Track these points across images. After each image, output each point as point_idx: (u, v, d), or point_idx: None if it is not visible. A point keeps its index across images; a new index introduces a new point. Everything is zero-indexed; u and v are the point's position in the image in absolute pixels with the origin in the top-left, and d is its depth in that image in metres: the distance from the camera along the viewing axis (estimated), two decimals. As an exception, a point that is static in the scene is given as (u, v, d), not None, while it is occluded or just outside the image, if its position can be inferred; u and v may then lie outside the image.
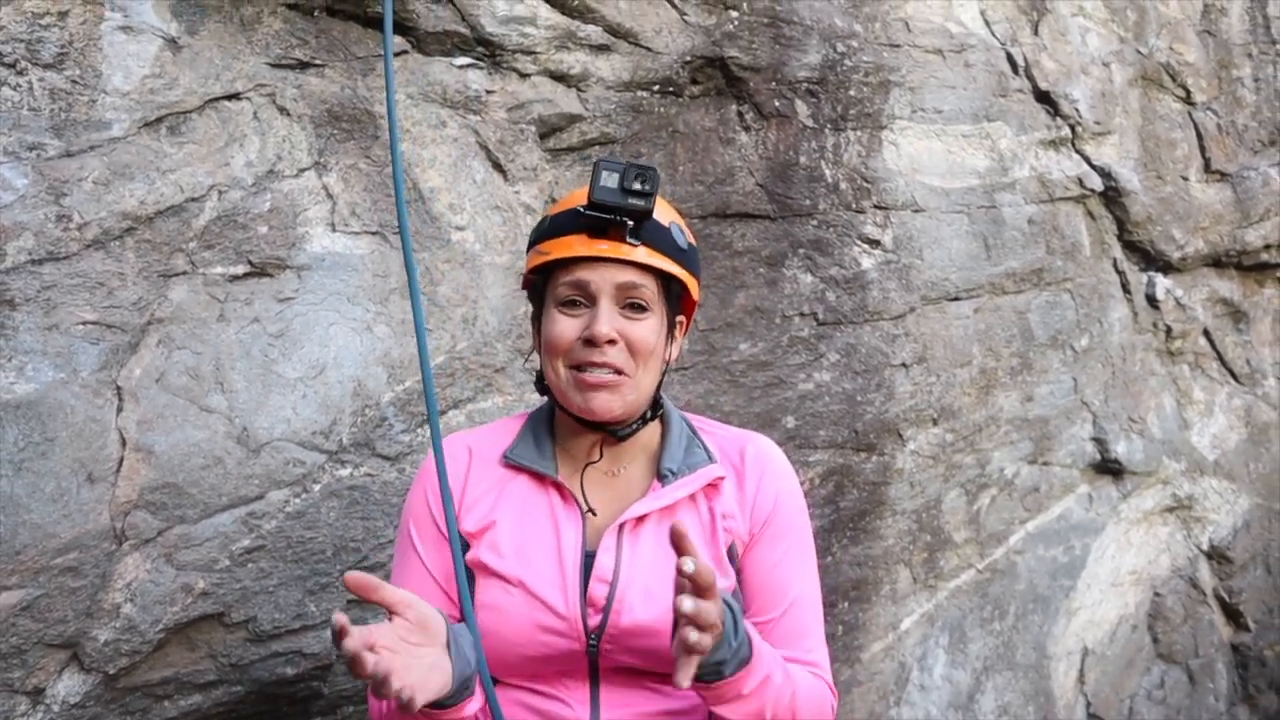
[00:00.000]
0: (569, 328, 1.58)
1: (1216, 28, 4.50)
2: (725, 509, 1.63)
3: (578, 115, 2.66)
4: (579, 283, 1.57)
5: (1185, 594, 4.37)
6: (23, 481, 1.88)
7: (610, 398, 1.57)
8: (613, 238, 1.57)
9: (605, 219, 1.55)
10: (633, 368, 1.58)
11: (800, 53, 3.05)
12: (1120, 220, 4.04)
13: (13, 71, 1.93)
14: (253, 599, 2.15)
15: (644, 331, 1.58)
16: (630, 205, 1.53)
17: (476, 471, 1.68)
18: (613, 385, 1.56)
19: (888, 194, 3.30)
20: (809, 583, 1.66)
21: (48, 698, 1.95)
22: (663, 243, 1.60)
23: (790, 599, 1.62)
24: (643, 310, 1.59)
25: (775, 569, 1.63)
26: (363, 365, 2.30)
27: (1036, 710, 3.87)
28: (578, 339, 1.57)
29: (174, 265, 2.09)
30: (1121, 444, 4.05)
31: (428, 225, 2.42)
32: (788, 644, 1.60)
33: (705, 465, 1.65)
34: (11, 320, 1.88)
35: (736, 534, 1.63)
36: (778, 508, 1.65)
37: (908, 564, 3.47)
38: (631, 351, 1.57)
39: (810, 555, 1.69)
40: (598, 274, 1.57)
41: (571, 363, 1.58)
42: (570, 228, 1.59)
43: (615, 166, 1.54)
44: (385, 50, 1.92)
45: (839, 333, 3.19)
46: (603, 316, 1.55)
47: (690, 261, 1.66)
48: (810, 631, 1.64)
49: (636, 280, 1.58)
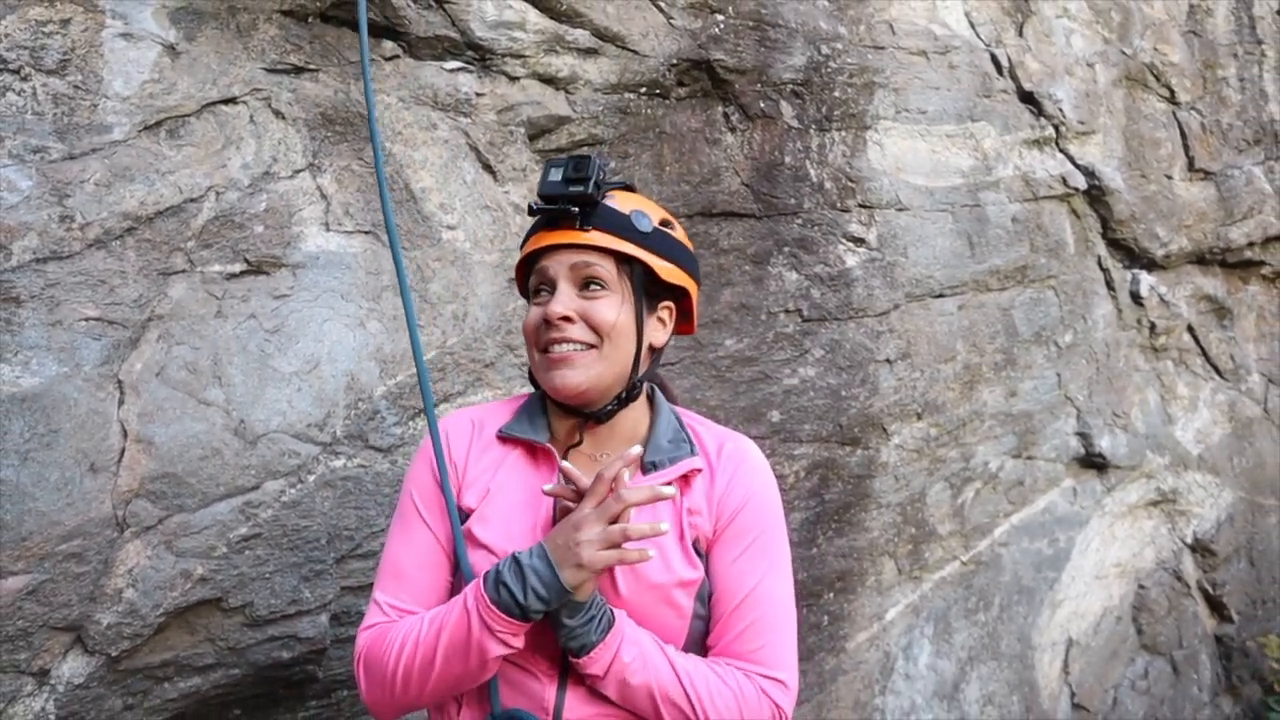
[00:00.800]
0: (535, 314, 1.68)
1: (1202, 28, 4.56)
2: (692, 504, 1.66)
3: (566, 117, 2.73)
4: (540, 270, 1.69)
5: (1169, 586, 4.44)
6: (28, 471, 1.96)
7: (570, 372, 1.63)
8: (564, 227, 1.66)
9: (553, 209, 1.66)
10: (599, 341, 1.64)
11: (785, 55, 3.12)
12: (1104, 218, 4.11)
13: (17, 77, 2.00)
14: (250, 585, 2.22)
15: (602, 308, 1.64)
16: (571, 192, 1.64)
17: (477, 446, 1.75)
18: (572, 359, 1.63)
19: (872, 193, 3.37)
20: (771, 585, 1.66)
21: (53, 679, 2.03)
22: (616, 226, 1.67)
23: (742, 597, 1.63)
24: (601, 288, 1.66)
25: (733, 565, 1.65)
26: (356, 360, 2.37)
27: (1021, 700, 3.94)
28: (541, 321, 1.66)
29: (173, 264, 2.16)
30: (1106, 438, 4.12)
31: (419, 224, 2.50)
32: (738, 642, 1.62)
33: (687, 458, 1.70)
34: (17, 317, 1.96)
35: (701, 529, 1.66)
36: (745, 507, 1.67)
37: (892, 556, 3.54)
38: (594, 328, 1.64)
39: (777, 560, 1.68)
40: (553, 260, 1.67)
41: (539, 345, 1.67)
42: (534, 226, 1.73)
43: (559, 162, 1.66)
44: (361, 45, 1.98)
45: (824, 329, 3.26)
46: (558, 297, 1.65)
47: (655, 244, 1.70)
48: (763, 632, 1.63)
49: (588, 260, 1.65)
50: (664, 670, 1.56)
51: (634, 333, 1.68)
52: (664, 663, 1.57)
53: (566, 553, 1.49)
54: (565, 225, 1.67)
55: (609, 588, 1.60)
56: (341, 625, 2.39)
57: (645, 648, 1.57)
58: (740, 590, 1.64)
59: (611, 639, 1.53)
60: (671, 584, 1.62)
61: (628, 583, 1.60)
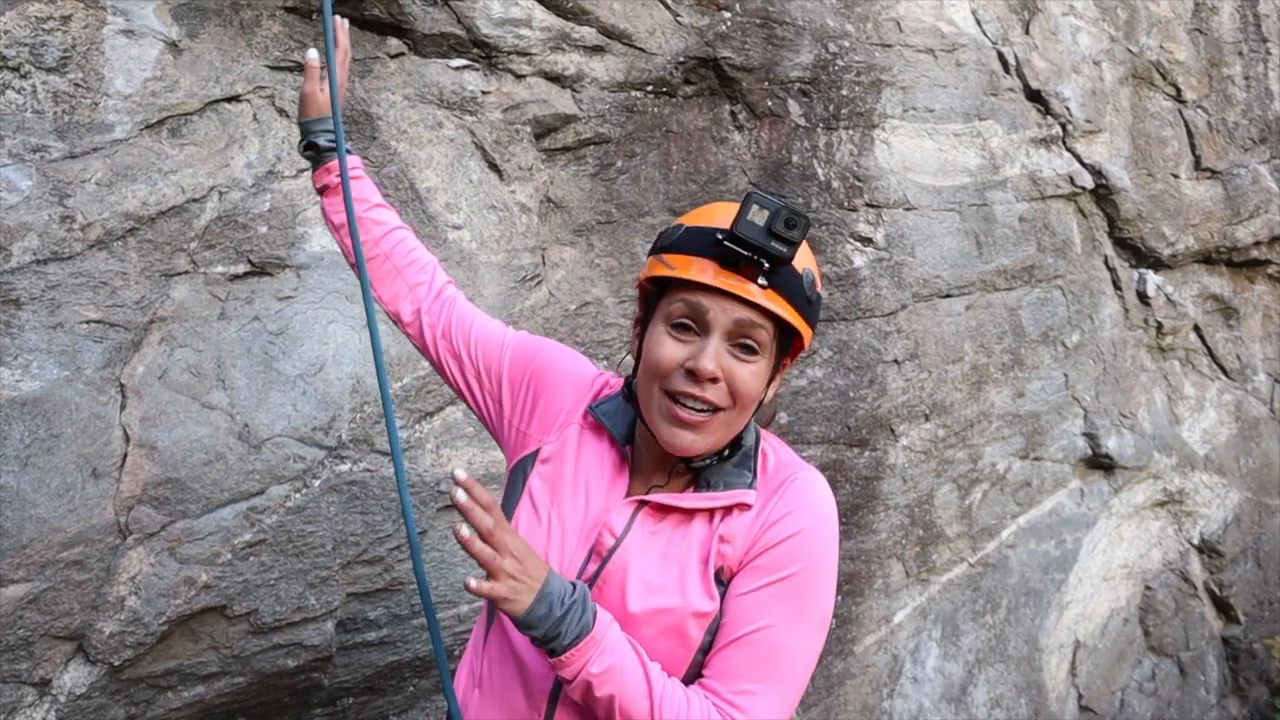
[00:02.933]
0: (675, 352, 1.50)
1: (1207, 26, 4.53)
2: (727, 532, 1.55)
3: (572, 116, 2.70)
4: (697, 309, 1.49)
5: (1176, 587, 4.42)
6: (29, 477, 1.92)
7: (696, 439, 1.50)
8: (744, 274, 1.48)
9: (742, 255, 1.46)
10: (730, 407, 1.50)
11: (793, 53, 3.09)
12: (1111, 217, 4.08)
13: (17, 75, 1.96)
14: (254, 592, 2.18)
15: (749, 374, 1.50)
16: (772, 249, 1.45)
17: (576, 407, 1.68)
18: (702, 425, 1.49)
19: (880, 192, 3.34)
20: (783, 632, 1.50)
21: (54, 688, 1.99)
22: (792, 291, 1.51)
23: (746, 632, 1.49)
24: (753, 353, 1.50)
25: (746, 596, 1.52)
26: (361, 363, 2.34)
27: (1028, 702, 3.92)
28: (680, 367, 1.49)
29: (176, 265, 2.13)
30: (1113, 439, 4.09)
31: (425, 224, 2.46)
32: (724, 678, 1.49)
33: (742, 488, 1.57)
34: (17, 319, 1.92)
35: (728, 559, 1.54)
36: (783, 543, 1.52)
37: (900, 558, 3.51)
38: (732, 392, 1.49)
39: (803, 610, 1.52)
40: (718, 306, 1.48)
41: (668, 389, 1.50)
42: (703, 250, 1.50)
43: (768, 203, 1.45)
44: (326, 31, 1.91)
45: (832, 329, 3.23)
46: (710, 352, 1.47)
47: (812, 313, 1.57)
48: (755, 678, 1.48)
49: (755, 320, 1.49)
50: (635, 689, 1.45)
51: (760, 397, 1.57)
52: (639, 681, 1.46)
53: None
54: (745, 274, 1.48)
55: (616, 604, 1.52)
56: (347, 632, 2.35)
57: (621, 660, 1.45)
58: (745, 624, 1.50)
59: (585, 646, 1.42)
60: (686, 612, 1.51)
61: (640, 604, 1.52)
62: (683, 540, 1.54)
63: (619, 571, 1.53)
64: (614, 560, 1.54)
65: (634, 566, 1.53)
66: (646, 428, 1.57)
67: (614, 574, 1.53)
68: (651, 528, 1.56)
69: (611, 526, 1.56)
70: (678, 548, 1.54)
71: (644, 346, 1.56)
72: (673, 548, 1.54)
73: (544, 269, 2.66)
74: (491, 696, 1.60)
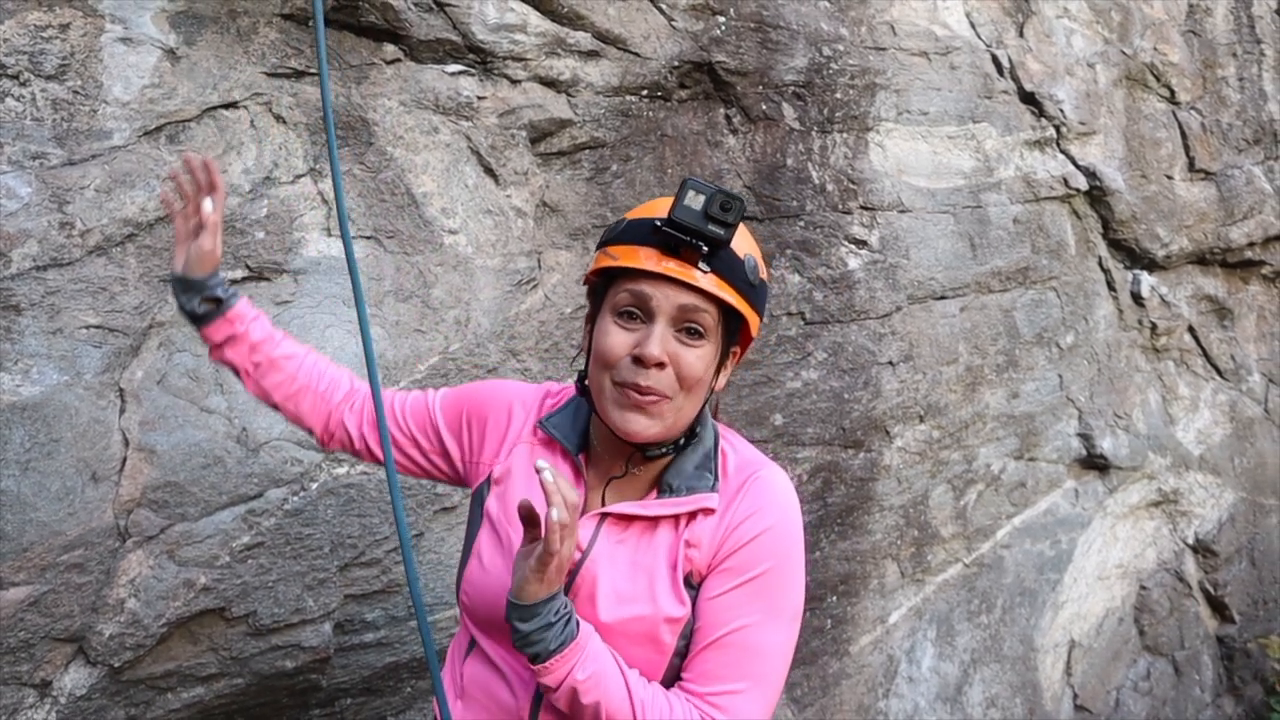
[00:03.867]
0: (621, 341, 1.53)
1: (1201, 28, 4.55)
2: (693, 537, 1.56)
3: (568, 120, 2.72)
4: (641, 296, 1.52)
5: (1171, 587, 4.44)
6: (29, 481, 1.94)
7: (648, 422, 1.52)
8: (684, 259, 1.51)
9: (681, 239, 1.49)
10: (677, 392, 1.52)
11: (787, 57, 3.11)
12: (1105, 219, 4.10)
13: (16, 83, 1.98)
14: (252, 594, 2.20)
15: (694, 359, 1.52)
16: (709, 231, 1.48)
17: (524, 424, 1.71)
18: (652, 407, 1.52)
19: (874, 195, 3.36)
20: (759, 632, 1.52)
21: (55, 690, 2.01)
22: (734, 274, 1.54)
23: (721, 634, 1.51)
24: (699, 337, 1.53)
25: (719, 599, 1.53)
26: (357, 366, 2.35)
27: (1024, 702, 3.94)
28: (628, 355, 1.52)
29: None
30: (1107, 439, 4.11)
31: (421, 229, 2.48)
32: (703, 680, 1.50)
33: (704, 492, 1.58)
34: (17, 325, 1.94)
35: (695, 564, 1.55)
36: (751, 543, 1.54)
37: (895, 559, 3.53)
38: (679, 378, 1.52)
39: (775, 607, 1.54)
40: (660, 292, 1.51)
41: (617, 379, 1.53)
42: (644, 239, 1.53)
43: (702, 188, 1.48)
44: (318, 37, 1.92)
45: (826, 331, 3.24)
46: (656, 337, 1.50)
47: (756, 297, 1.59)
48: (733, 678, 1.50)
49: (699, 305, 1.51)
50: (618, 695, 1.47)
51: (710, 382, 1.58)
52: (620, 688, 1.47)
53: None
54: (686, 259, 1.51)
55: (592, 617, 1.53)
56: (345, 634, 2.37)
57: (603, 668, 1.47)
58: (720, 626, 1.52)
59: (570, 652, 1.44)
60: (658, 619, 1.53)
61: (612, 613, 1.53)
62: (649, 548, 1.56)
63: (588, 583, 1.54)
64: (583, 573, 1.55)
65: (603, 577, 1.55)
66: (601, 421, 1.59)
67: (583, 586, 1.55)
68: (617, 537, 1.58)
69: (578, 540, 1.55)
70: (645, 555, 1.56)
71: (593, 339, 1.59)
72: (640, 555, 1.55)
73: (540, 273, 2.68)
74: (474, 707, 1.61)
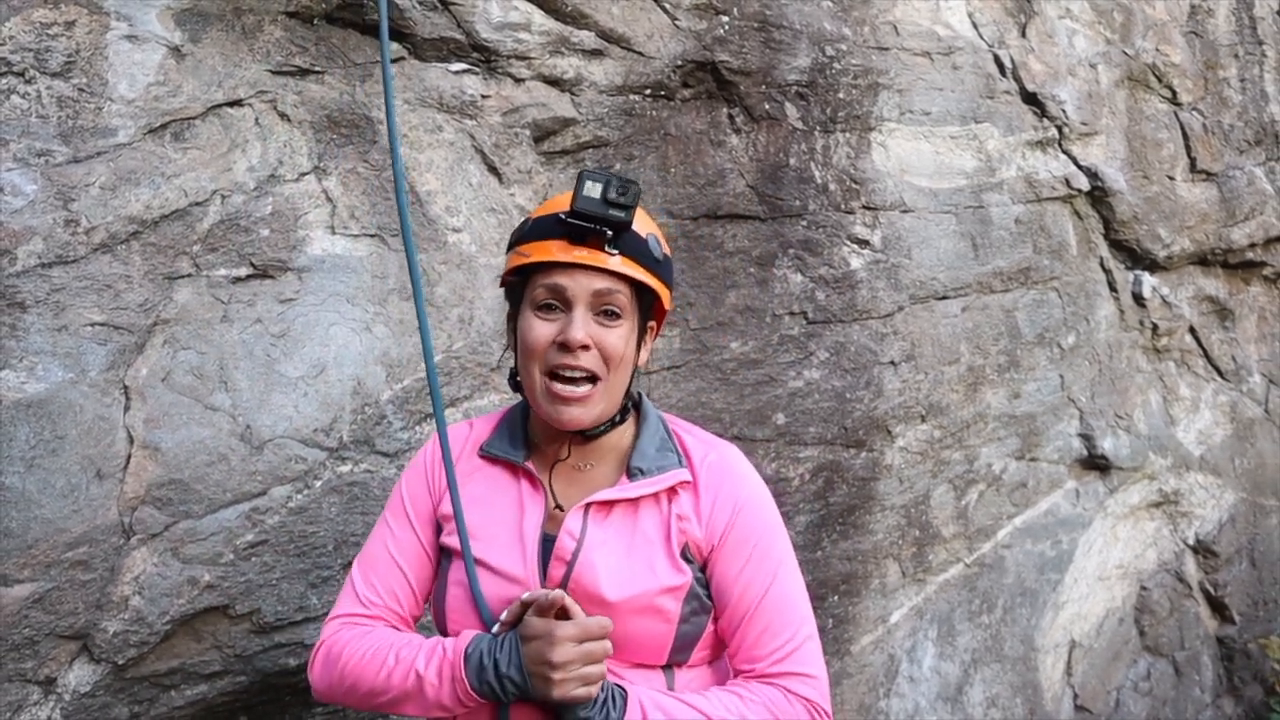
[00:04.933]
0: (544, 331, 1.62)
1: (1203, 29, 4.56)
2: (681, 510, 1.67)
3: (571, 119, 2.72)
4: (556, 287, 1.62)
5: (1171, 588, 4.44)
6: (34, 478, 1.94)
7: (580, 411, 1.63)
8: (591, 246, 1.61)
9: (586, 227, 1.59)
10: (604, 372, 1.62)
11: (790, 56, 3.11)
12: (1107, 219, 4.10)
13: (21, 80, 1.98)
14: (256, 592, 2.21)
15: (616, 339, 1.63)
16: (611, 216, 1.58)
17: (461, 463, 1.77)
18: (583, 399, 1.62)
19: (876, 195, 3.36)
20: (780, 586, 1.66)
21: (59, 687, 2.01)
22: (639, 253, 1.65)
23: (756, 601, 1.64)
24: (616, 317, 1.63)
25: (740, 576, 1.65)
26: (362, 364, 2.36)
27: (1024, 702, 3.94)
28: (552, 343, 1.61)
29: (179, 268, 2.15)
30: (1108, 440, 4.11)
31: (425, 227, 2.48)
32: (756, 647, 1.63)
33: (675, 468, 1.69)
34: (22, 322, 1.94)
35: (691, 536, 1.66)
36: (736, 517, 1.67)
37: (897, 558, 3.53)
38: (604, 357, 1.62)
39: (782, 559, 1.69)
40: (574, 280, 1.61)
41: (546, 368, 1.63)
42: (551, 233, 1.64)
43: (598, 177, 1.59)
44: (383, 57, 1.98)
45: (828, 331, 3.25)
46: (577, 322, 1.60)
47: (664, 272, 1.70)
48: (780, 633, 1.64)
49: (612, 287, 1.62)
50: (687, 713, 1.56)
51: (633, 359, 1.69)
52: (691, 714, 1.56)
53: (541, 678, 1.50)
54: (593, 245, 1.61)
55: (594, 598, 1.60)
56: (348, 631, 2.37)
57: (666, 708, 1.56)
58: (752, 599, 1.64)
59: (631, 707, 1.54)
60: (657, 590, 1.62)
61: (617, 592, 1.60)
62: (637, 528, 1.65)
63: (589, 569, 1.61)
64: (580, 560, 1.62)
65: (600, 560, 1.62)
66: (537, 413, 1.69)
67: (584, 572, 1.61)
68: (603, 523, 1.66)
69: (570, 530, 1.64)
70: (635, 535, 1.65)
71: (518, 336, 1.68)
72: (631, 536, 1.65)
73: (543, 271, 2.68)
74: None
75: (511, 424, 1.78)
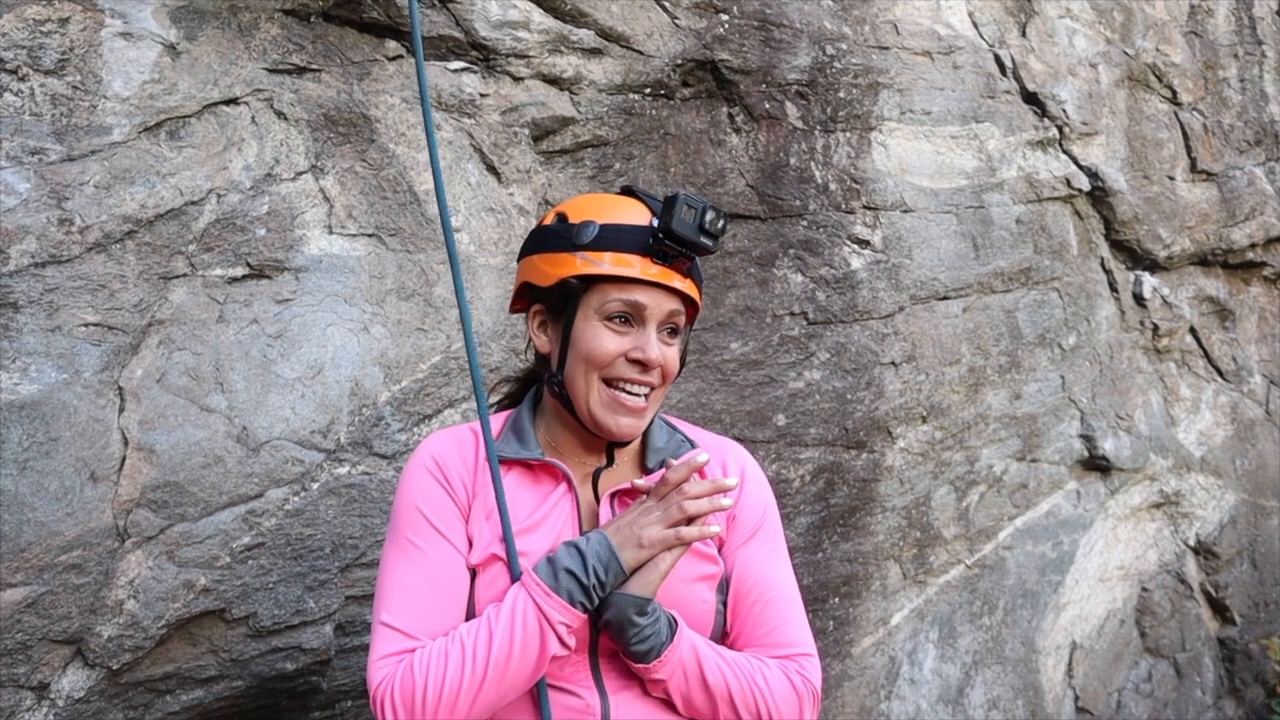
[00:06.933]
0: (616, 344, 1.63)
1: (1203, 29, 4.55)
2: None
3: (570, 118, 2.70)
4: (636, 304, 1.63)
5: (1172, 589, 4.42)
6: (27, 480, 1.91)
7: (637, 422, 1.66)
8: (674, 268, 1.64)
9: (677, 250, 1.61)
10: (660, 385, 1.68)
11: (790, 55, 3.09)
12: (1107, 220, 4.09)
13: (15, 77, 1.96)
14: (253, 595, 2.18)
15: (674, 356, 1.68)
16: (702, 244, 1.62)
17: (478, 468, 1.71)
18: (642, 410, 1.66)
19: (877, 195, 3.34)
20: (776, 569, 1.75)
21: (52, 693, 1.99)
22: (697, 276, 1.71)
23: (772, 591, 1.71)
24: (677, 335, 1.69)
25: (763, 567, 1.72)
26: (360, 365, 2.34)
27: (1025, 704, 3.92)
28: (622, 356, 1.63)
29: (174, 268, 2.12)
30: (1109, 441, 4.10)
31: (423, 227, 2.46)
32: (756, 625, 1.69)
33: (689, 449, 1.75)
34: (15, 322, 1.92)
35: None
36: (765, 516, 1.76)
37: (898, 560, 3.51)
38: (664, 373, 1.67)
39: (777, 543, 1.78)
40: (653, 299, 1.63)
41: (610, 377, 1.64)
42: (633, 246, 1.63)
43: (695, 203, 1.61)
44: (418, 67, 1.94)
45: (829, 332, 3.23)
46: (653, 341, 1.63)
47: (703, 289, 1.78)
48: (776, 613, 1.71)
49: (680, 308, 1.68)
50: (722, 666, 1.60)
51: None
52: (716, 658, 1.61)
53: (628, 534, 1.53)
54: (676, 267, 1.64)
55: None
56: (346, 635, 2.35)
57: (700, 646, 1.60)
58: (749, 578, 1.70)
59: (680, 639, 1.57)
60: (696, 577, 1.65)
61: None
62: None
63: None
64: None
65: None
66: (575, 418, 1.68)
67: None
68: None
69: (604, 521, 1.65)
70: None
71: (572, 340, 1.65)
72: None
73: (542, 271, 2.66)
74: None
75: (517, 427, 1.74)
